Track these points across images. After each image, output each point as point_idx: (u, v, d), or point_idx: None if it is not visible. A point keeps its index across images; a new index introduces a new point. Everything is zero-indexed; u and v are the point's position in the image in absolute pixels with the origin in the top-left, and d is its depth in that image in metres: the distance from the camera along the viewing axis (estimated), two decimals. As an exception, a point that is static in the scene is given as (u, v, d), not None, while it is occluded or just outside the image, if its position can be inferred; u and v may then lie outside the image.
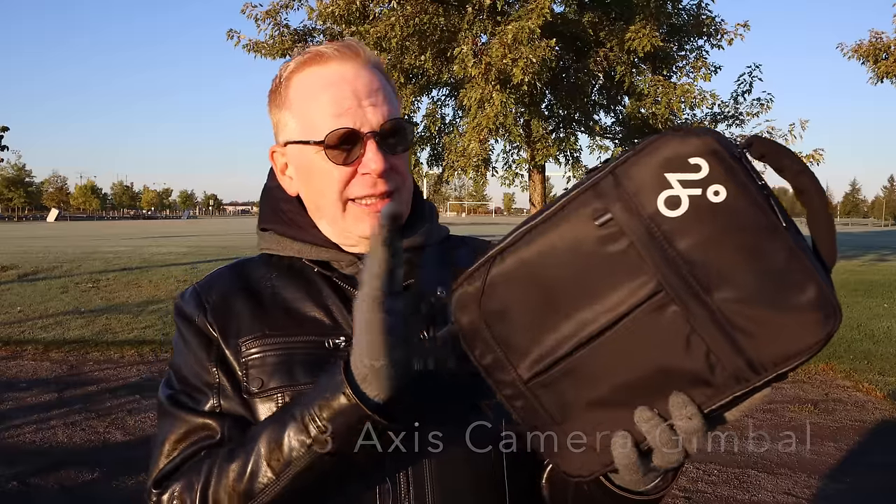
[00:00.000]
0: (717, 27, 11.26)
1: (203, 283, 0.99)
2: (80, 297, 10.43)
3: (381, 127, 0.91)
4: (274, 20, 11.02)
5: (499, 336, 0.66)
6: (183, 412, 0.90)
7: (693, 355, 0.61)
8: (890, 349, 7.61)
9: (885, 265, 18.04)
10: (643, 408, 0.62)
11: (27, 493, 3.81)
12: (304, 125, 0.94)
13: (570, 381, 0.65)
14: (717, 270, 0.60)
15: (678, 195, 0.60)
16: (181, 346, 0.95)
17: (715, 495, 3.86)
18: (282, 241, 0.98)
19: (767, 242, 0.59)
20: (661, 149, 0.61)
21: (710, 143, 0.60)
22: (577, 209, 0.63)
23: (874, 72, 11.96)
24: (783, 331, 0.58)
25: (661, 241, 0.60)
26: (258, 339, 0.91)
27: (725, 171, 0.60)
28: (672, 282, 0.60)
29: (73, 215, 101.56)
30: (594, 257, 0.62)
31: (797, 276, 0.58)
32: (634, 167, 0.62)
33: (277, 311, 0.94)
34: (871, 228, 75.92)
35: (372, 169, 0.90)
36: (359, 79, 0.92)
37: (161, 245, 21.22)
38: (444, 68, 10.93)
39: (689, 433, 0.61)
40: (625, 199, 0.62)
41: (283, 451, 0.78)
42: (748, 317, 0.59)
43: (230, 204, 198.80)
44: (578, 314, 0.63)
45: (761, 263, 0.59)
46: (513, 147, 12.12)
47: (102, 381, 6.07)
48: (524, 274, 0.64)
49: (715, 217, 0.59)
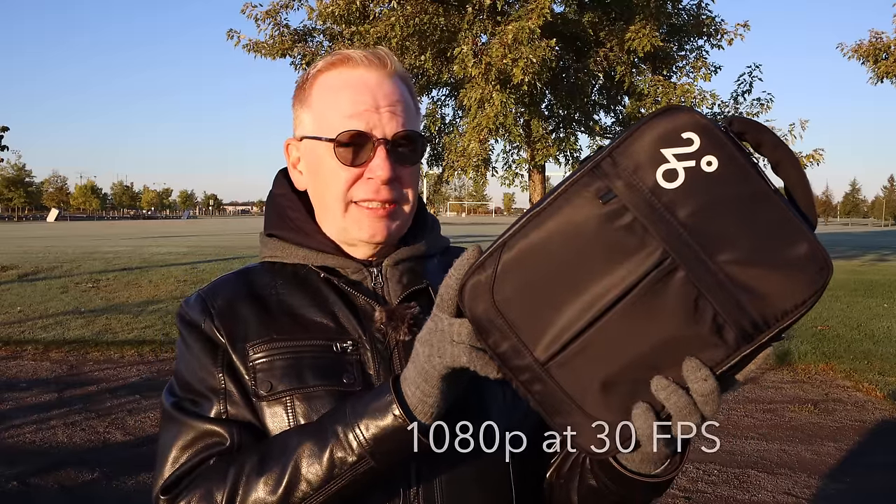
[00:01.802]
0: (717, 27, 11.27)
1: (207, 290, 0.98)
2: (80, 297, 10.43)
3: (393, 135, 0.92)
4: (274, 20, 11.04)
5: (512, 322, 0.67)
6: (189, 418, 0.88)
7: (701, 319, 0.63)
8: (890, 349, 7.61)
9: (885, 265, 18.05)
10: (659, 377, 0.64)
11: (27, 493, 3.81)
12: (320, 122, 0.95)
13: (586, 357, 0.66)
14: (716, 235, 0.63)
15: (675, 168, 0.64)
16: (185, 353, 0.94)
17: (715, 495, 3.86)
18: (287, 248, 0.98)
19: (759, 206, 0.63)
20: (654, 127, 0.65)
21: (698, 119, 0.64)
22: (580, 191, 0.66)
23: (874, 72, 11.96)
24: (782, 286, 0.62)
25: (663, 211, 0.64)
26: (266, 343, 0.91)
27: (716, 143, 0.64)
28: (677, 248, 0.63)
29: (73, 215, 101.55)
30: (600, 234, 0.65)
31: (789, 235, 0.63)
32: (631, 146, 0.65)
33: (284, 316, 0.93)
34: (871, 228, 75.95)
35: (378, 175, 0.91)
36: (381, 87, 0.94)
37: (161, 245, 21.22)
38: (444, 68, 10.93)
39: (705, 395, 0.63)
40: (625, 177, 0.65)
41: (323, 466, 0.78)
42: (749, 275, 0.63)
43: (230, 204, 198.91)
44: (589, 290, 0.65)
45: (756, 225, 0.63)
46: (513, 147, 12.13)
47: (102, 381, 6.07)
48: (533, 258, 0.66)
49: (710, 186, 0.63)
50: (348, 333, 0.92)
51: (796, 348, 7.44)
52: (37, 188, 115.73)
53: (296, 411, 0.87)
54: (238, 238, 29.04)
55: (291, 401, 0.87)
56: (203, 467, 0.85)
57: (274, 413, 0.87)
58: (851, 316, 9.59)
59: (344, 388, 0.88)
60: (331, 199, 0.95)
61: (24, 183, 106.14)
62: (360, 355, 0.91)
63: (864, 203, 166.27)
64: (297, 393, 0.87)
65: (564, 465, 0.94)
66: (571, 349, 0.66)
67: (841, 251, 24.03)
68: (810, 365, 6.92)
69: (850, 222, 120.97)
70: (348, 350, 0.91)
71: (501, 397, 0.92)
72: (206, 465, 0.85)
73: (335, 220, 0.96)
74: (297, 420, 0.87)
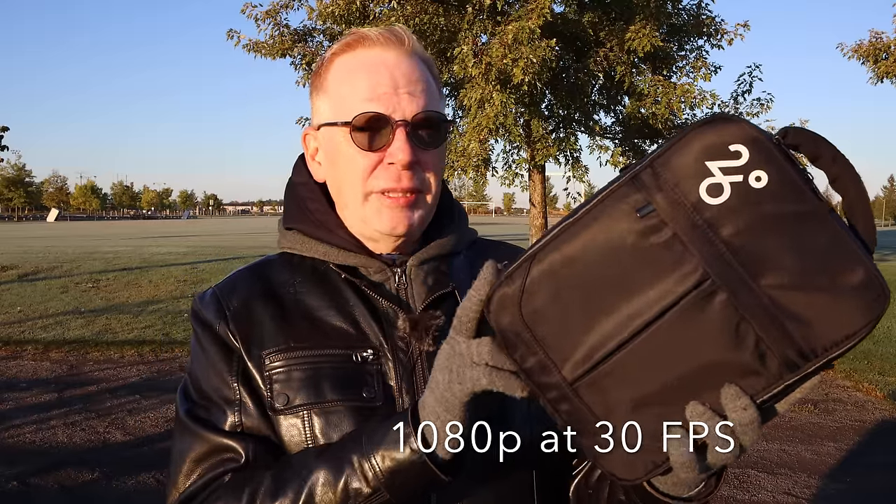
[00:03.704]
0: (717, 27, 11.27)
1: (223, 287, 0.94)
2: (80, 297, 10.42)
3: (413, 117, 0.87)
4: (274, 20, 11.03)
5: (541, 337, 0.64)
6: (203, 430, 0.86)
7: (743, 344, 0.60)
8: (890, 349, 7.61)
9: (885, 265, 18.02)
10: (695, 402, 0.61)
11: (27, 493, 3.81)
12: (336, 107, 0.90)
13: (618, 379, 0.62)
14: (763, 256, 0.59)
15: (720, 182, 0.59)
16: (199, 354, 0.90)
17: (715, 495, 3.85)
18: (307, 242, 0.93)
19: (811, 226, 0.59)
20: (700, 138, 0.60)
21: (748, 130, 0.60)
22: (617, 203, 0.62)
23: (874, 72, 11.97)
24: (833, 314, 0.58)
25: (705, 229, 0.60)
26: (283, 353, 0.87)
27: (766, 157, 0.59)
28: (718, 270, 0.59)
29: (73, 215, 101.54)
30: (636, 250, 0.61)
31: (843, 259, 0.58)
32: (674, 158, 0.61)
33: (302, 321, 0.89)
34: (871, 228, 75.78)
35: (399, 159, 0.86)
36: (399, 66, 0.88)
37: (161, 245, 21.20)
38: (444, 68, 10.92)
39: (745, 425, 0.60)
40: (666, 190, 0.60)
41: (337, 497, 0.76)
42: (797, 302, 0.58)
43: (230, 204, 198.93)
44: (622, 309, 0.61)
45: (807, 247, 0.58)
46: (513, 147, 12.12)
47: (102, 381, 6.07)
48: (565, 272, 0.62)
49: (758, 203, 0.59)
50: (369, 340, 0.88)
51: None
52: (37, 188, 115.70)
53: (313, 426, 0.84)
54: (238, 238, 29.02)
55: (309, 416, 0.84)
56: (217, 484, 0.83)
57: (290, 426, 0.85)
58: (851, 316, 9.58)
59: (364, 402, 0.85)
60: (349, 188, 0.90)
61: (24, 183, 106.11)
62: (381, 365, 0.87)
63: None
64: (315, 408, 0.84)
65: (593, 475, 0.90)
66: (602, 369, 0.62)
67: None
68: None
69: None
70: (369, 360, 0.87)
71: (526, 407, 0.88)
72: (221, 481, 0.83)
73: (355, 211, 0.91)
74: (313, 435, 0.84)
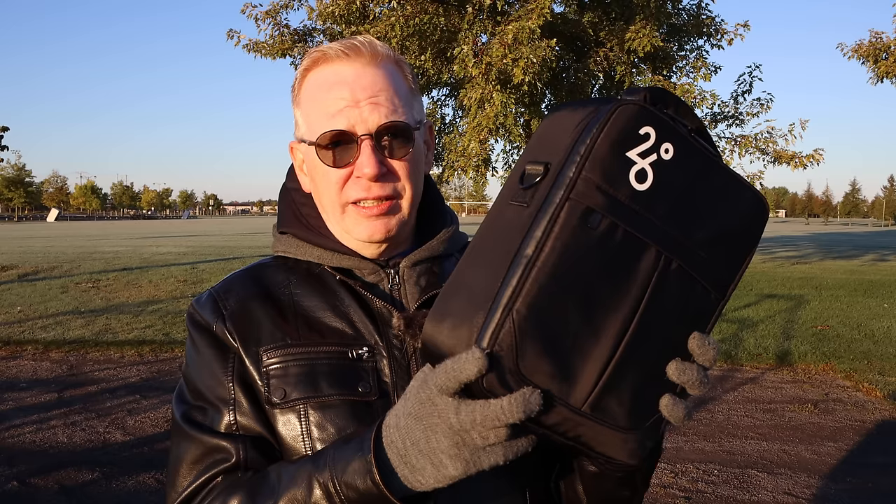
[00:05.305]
0: (717, 27, 11.28)
1: (220, 288, 0.95)
2: (80, 297, 10.42)
3: (377, 128, 0.88)
4: (274, 20, 11.04)
5: (541, 384, 0.61)
6: (197, 432, 0.87)
7: (698, 295, 0.68)
8: (890, 349, 7.61)
9: (885, 265, 18.04)
10: (675, 361, 0.67)
11: (27, 493, 3.81)
12: (308, 124, 0.93)
13: (617, 380, 0.64)
14: (690, 216, 0.67)
15: (643, 167, 0.64)
16: (194, 357, 0.92)
17: (715, 495, 3.85)
18: (301, 246, 0.96)
19: (710, 174, 0.68)
20: (610, 132, 0.63)
21: (640, 109, 0.64)
22: (566, 223, 0.62)
23: (874, 72, 11.97)
24: (739, 240, 0.70)
25: (645, 214, 0.65)
26: (279, 349, 0.89)
27: (665, 128, 0.65)
28: (666, 243, 0.66)
29: (73, 215, 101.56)
30: (601, 257, 0.63)
31: (737, 189, 0.70)
32: (597, 160, 0.63)
33: (298, 320, 0.91)
34: (872, 229, 75.83)
35: (365, 173, 0.88)
36: (360, 79, 0.89)
37: (161, 245, 21.21)
38: (444, 68, 10.92)
39: (711, 359, 0.68)
40: (604, 192, 0.63)
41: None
42: (720, 241, 0.69)
43: (230, 204, 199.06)
44: (608, 321, 0.63)
45: (713, 192, 0.68)
46: (513, 147, 12.13)
47: (102, 381, 6.07)
48: (546, 312, 0.61)
49: (673, 172, 0.66)
50: (364, 339, 0.90)
51: (796, 348, 7.44)
52: (37, 188, 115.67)
53: (309, 420, 0.86)
54: (238, 238, 29.03)
55: (305, 409, 0.86)
56: (210, 487, 0.84)
57: (287, 421, 0.86)
58: (851, 316, 9.59)
59: (359, 397, 0.87)
60: (328, 201, 0.93)
61: (24, 183, 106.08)
62: (377, 362, 0.89)
63: (864, 203, 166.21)
64: (312, 401, 0.86)
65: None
66: (603, 381, 0.64)
67: (841, 251, 24.03)
68: (810, 365, 6.92)
69: (850, 222, 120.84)
70: (364, 357, 0.89)
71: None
72: (215, 482, 0.84)
73: (337, 222, 0.94)
74: (310, 429, 0.85)
